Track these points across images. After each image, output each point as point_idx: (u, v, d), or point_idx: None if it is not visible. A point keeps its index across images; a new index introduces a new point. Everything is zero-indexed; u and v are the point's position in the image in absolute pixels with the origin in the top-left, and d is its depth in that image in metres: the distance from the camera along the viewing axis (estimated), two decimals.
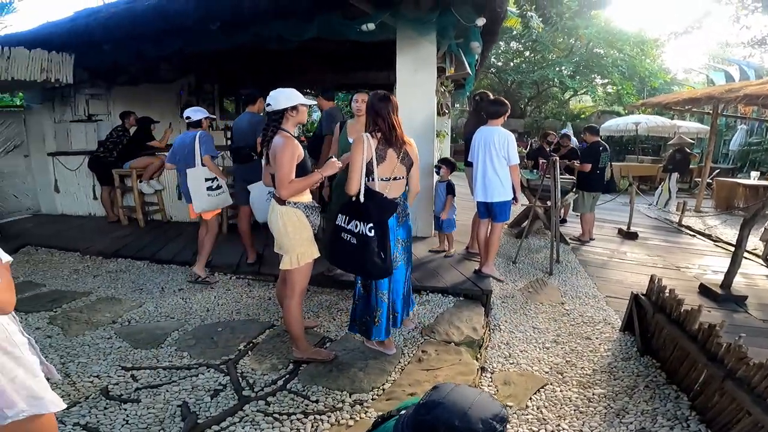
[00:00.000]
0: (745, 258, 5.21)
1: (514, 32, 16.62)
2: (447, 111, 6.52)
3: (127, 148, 5.56)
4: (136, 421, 2.15)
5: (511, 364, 2.91)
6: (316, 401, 2.32)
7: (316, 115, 14.75)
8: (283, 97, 2.48)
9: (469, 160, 4.14)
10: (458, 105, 12.97)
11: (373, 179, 2.52)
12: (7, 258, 1.23)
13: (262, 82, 9.50)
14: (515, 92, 21.19)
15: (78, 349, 2.83)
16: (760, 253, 5.54)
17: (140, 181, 5.47)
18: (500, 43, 19.14)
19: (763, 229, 5.67)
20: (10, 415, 1.15)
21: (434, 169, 4.43)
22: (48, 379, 1.37)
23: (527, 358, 2.97)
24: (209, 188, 3.81)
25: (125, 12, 4.69)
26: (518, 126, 18.63)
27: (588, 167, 5.65)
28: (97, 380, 2.48)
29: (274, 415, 2.21)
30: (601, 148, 5.67)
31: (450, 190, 4.24)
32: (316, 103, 3.38)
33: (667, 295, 2.90)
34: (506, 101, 3.93)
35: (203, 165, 3.79)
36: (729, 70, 16.32)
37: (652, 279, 3.14)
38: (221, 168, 4.38)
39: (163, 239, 4.97)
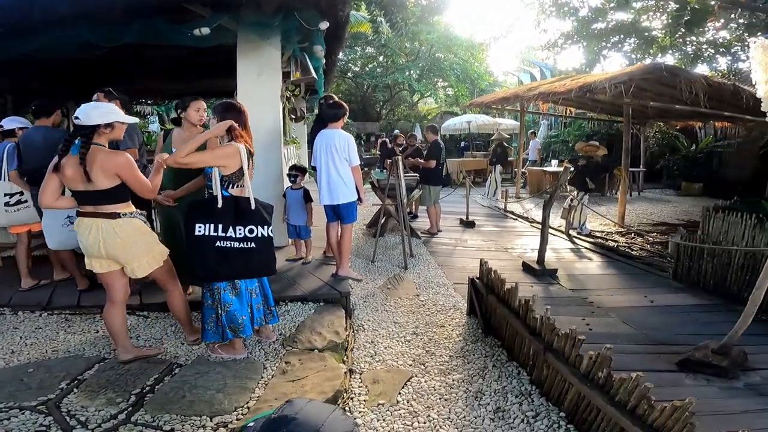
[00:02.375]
0: (553, 234, 6.33)
1: (369, 38, 17.26)
2: (303, 116, 6.45)
3: None
4: None
5: (377, 362, 2.99)
6: (171, 430, 2.10)
7: (154, 127, 13.23)
8: (96, 113, 2.38)
9: (312, 164, 4.12)
10: (316, 111, 12.96)
11: (242, 186, 2.64)
12: None
13: (77, 93, 8.07)
14: (371, 96, 22.07)
15: None
16: (563, 229, 6.76)
17: None
18: (356, 48, 19.76)
19: (562, 208, 6.89)
20: None
21: (289, 177, 4.32)
22: None
23: (392, 354, 3.09)
24: (7, 203, 3.58)
25: None
26: (374, 129, 19.49)
27: (433, 164, 6.20)
28: None
29: None
30: (441, 146, 6.29)
31: (307, 197, 4.24)
32: (136, 120, 3.05)
33: (493, 276, 3.24)
34: (344, 104, 3.98)
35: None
36: (533, 72, 19.55)
37: (481, 263, 3.50)
38: None
39: None
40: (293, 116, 5.06)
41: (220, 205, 2.56)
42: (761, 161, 9.29)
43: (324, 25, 3.93)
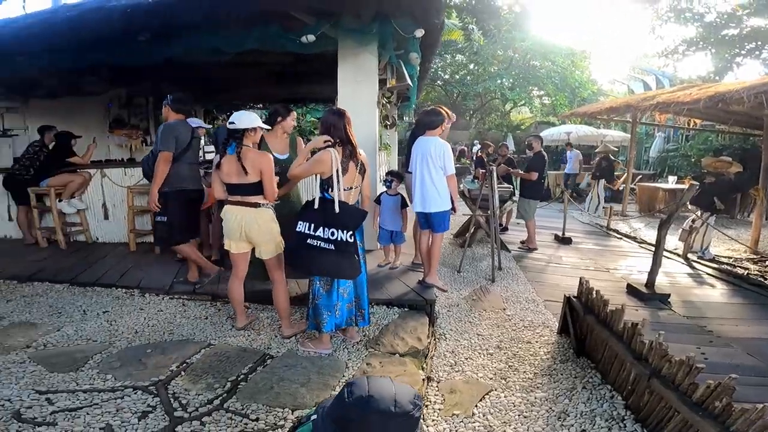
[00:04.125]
0: (668, 257, 5.65)
1: (460, 45, 17.20)
2: (394, 123, 6.59)
3: (44, 165, 5.09)
4: None
5: (456, 372, 2.92)
6: (256, 419, 2.22)
7: None
8: (245, 120, 2.91)
9: (409, 170, 4.17)
10: (406, 118, 13.18)
11: (339, 189, 2.76)
12: None
13: (199, 95, 9.18)
14: (461, 104, 21.84)
15: None
16: (681, 253, 6.01)
17: (60, 200, 5.03)
18: (447, 55, 19.77)
19: (680, 229, 6.15)
20: None
21: (384, 183, 4.40)
22: None
23: (472, 366, 3.00)
24: None
25: (42, 23, 4.39)
26: (464, 137, 19.25)
27: (535, 176, 5.83)
28: (9, 404, 2.28)
29: None
30: (545, 157, 5.94)
31: (404, 203, 4.36)
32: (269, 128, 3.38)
33: (595, 296, 3.00)
34: (442, 111, 3.95)
35: None
36: (647, 80, 17.80)
37: (581, 281, 3.26)
38: None
39: (86, 261, 4.58)
40: (387, 123, 5.18)
41: (316, 206, 2.79)
42: None
43: (419, 33, 3.99)
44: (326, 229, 2.73)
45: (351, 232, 2.73)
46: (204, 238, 4.54)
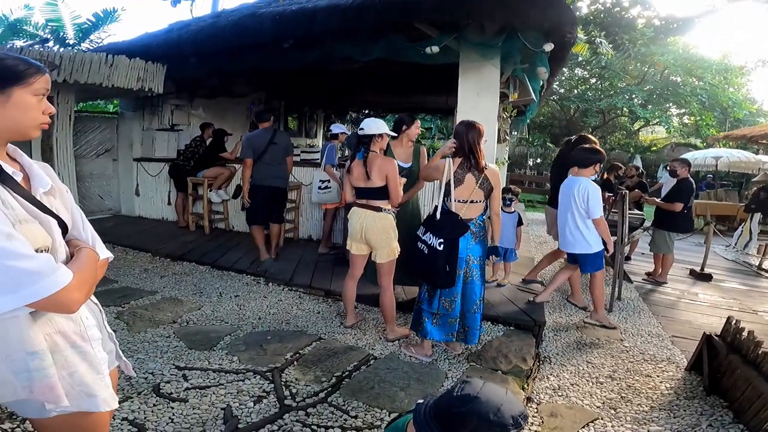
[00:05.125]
0: None
1: (580, 59, 16.21)
2: (506, 138, 6.42)
3: (202, 158, 5.94)
4: (181, 421, 2.18)
5: (559, 396, 2.76)
6: (355, 417, 2.31)
7: None
8: (374, 126, 3.06)
9: (554, 204, 4.15)
10: (516, 133, 12.74)
11: (450, 200, 2.80)
12: (105, 254, 1.23)
13: (321, 101, 9.93)
14: (578, 120, 20.50)
15: (138, 345, 2.95)
16: None
17: (210, 190, 5.84)
18: (564, 69, 18.75)
19: None
20: (56, 410, 1.09)
21: (504, 201, 4.30)
22: (121, 374, 1.38)
23: (578, 392, 2.81)
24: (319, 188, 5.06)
25: (211, 27, 5.00)
26: None
27: (679, 207, 5.00)
28: (151, 377, 2.54)
29: (312, 426, 2.22)
30: (693, 185, 5.13)
31: (520, 221, 4.30)
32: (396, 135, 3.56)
33: (745, 336, 2.71)
34: (601, 150, 3.79)
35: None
36: None
37: (728, 320, 2.92)
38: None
39: (224, 247, 5.24)
40: (505, 138, 5.06)
41: (433, 214, 2.85)
42: None
43: (548, 47, 3.82)
44: (429, 234, 2.77)
45: (441, 240, 2.70)
46: (326, 234, 5.24)
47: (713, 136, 13.12)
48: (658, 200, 5.46)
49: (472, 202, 2.83)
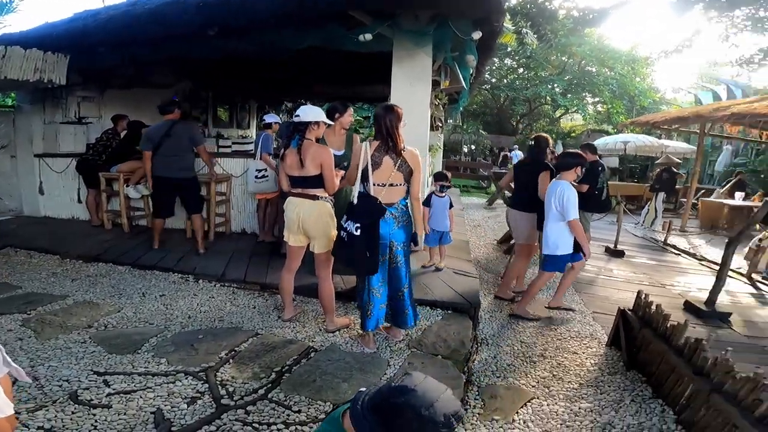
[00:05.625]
0: (730, 276, 5.27)
1: (509, 48, 16.91)
2: (440, 125, 6.53)
3: (116, 152, 5.48)
4: (105, 427, 2.07)
5: (498, 377, 2.88)
6: (298, 411, 2.27)
7: None
8: (310, 114, 2.98)
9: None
10: (451, 120, 13.07)
11: (368, 184, 2.76)
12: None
13: (254, 91, 9.52)
14: (507, 109, 21.47)
15: (49, 352, 2.73)
16: (744, 272, 5.60)
17: (127, 186, 5.39)
18: (495, 59, 19.53)
19: (747, 248, 5.73)
20: None
21: (440, 187, 4.38)
22: (15, 382, 1.29)
23: (514, 372, 2.95)
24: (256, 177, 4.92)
25: (124, 15, 4.63)
26: (509, 142, 18.90)
27: (585, 188, 5.24)
28: (67, 384, 2.38)
29: (253, 424, 2.15)
30: (600, 168, 5.61)
31: (450, 204, 4.41)
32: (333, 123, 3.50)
33: (654, 310, 2.92)
34: (581, 153, 3.94)
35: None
36: (717, 90, 16.69)
37: (638, 295, 3.16)
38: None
39: (146, 245, 4.87)
40: (437, 125, 5.15)
41: (353, 200, 2.84)
42: None
43: (477, 35, 3.93)
44: (350, 221, 2.75)
45: (357, 225, 2.69)
46: (260, 223, 5.21)
47: (622, 122, 14.31)
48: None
49: (391, 185, 2.79)
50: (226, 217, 5.53)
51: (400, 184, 2.83)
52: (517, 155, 15.57)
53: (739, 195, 9.90)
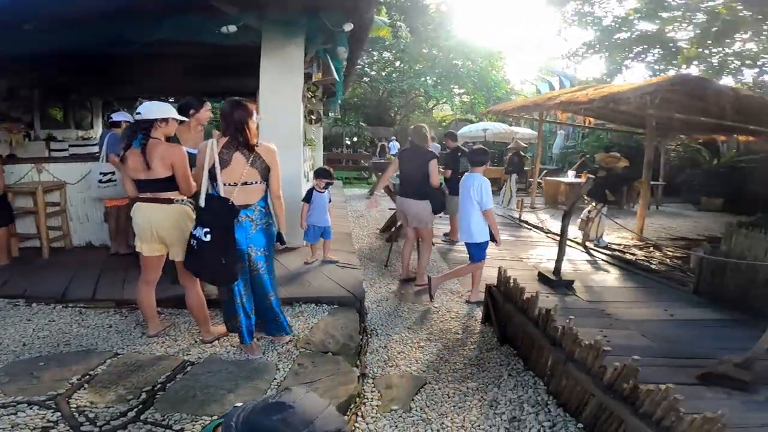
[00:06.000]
0: (569, 246, 6.20)
1: (388, 42, 17.43)
2: (320, 119, 6.41)
3: None
4: None
5: (390, 367, 2.97)
6: (181, 429, 2.07)
7: None
8: (155, 110, 2.70)
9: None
10: (332, 113, 13.00)
11: (217, 184, 2.54)
12: None
13: (97, 87, 8.25)
14: (386, 101, 22.15)
15: None
16: (580, 241, 6.63)
17: None
18: (374, 52, 19.94)
19: (579, 219, 6.75)
20: None
21: (323, 185, 4.30)
22: None
23: (405, 359, 3.06)
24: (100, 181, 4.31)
25: None
26: (388, 134, 19.57)
27: (449, 173, 6.04)
28: None
29: None
30: (459, 154, 6.17)
31: (329, 199, 4.37)
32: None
33: (512, 284, 3.19)
34: (487, 150, 4.31)
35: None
36: (552, 81, 19.41)
37: (499, 271, 3.46)
38: None
39: None
40: (312, 118, 5.05)
41: (201, 203, 2.60)
42: None
43: (348, 27, 3.93)
44: (198, 227, 2.53)
45: (206, 230, 2.48)
46: (111, 234, 4.59)
47: (481, 111, 15.84)
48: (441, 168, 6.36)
49: (245, 184, 2.60)
50: (63, 230, 4.67)
51: (256, 182, 2.64)
52: (395, 146, 16.23)
53: (571, 173, 11.70)
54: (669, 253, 6.28)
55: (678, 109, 7.03)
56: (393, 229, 5.51)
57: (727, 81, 10.68)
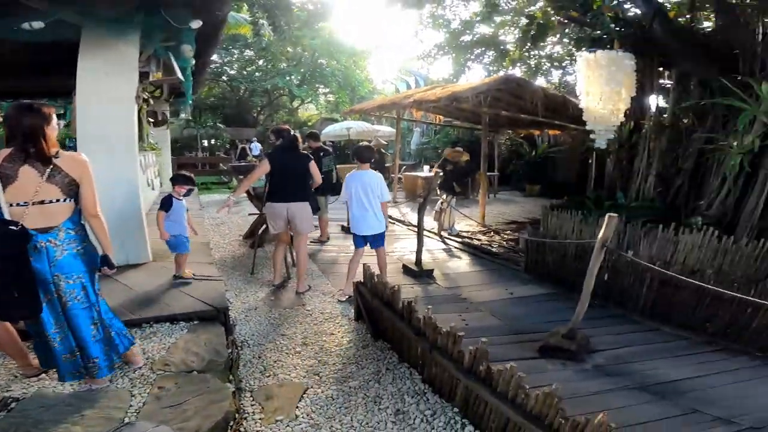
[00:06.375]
0: (428, 237, 6.80)
1: (250, 40, 16.61)
2: (165, 120, 5.86)
3: None
4: None
5: (268, 377, 2.91)
6: None
7: None
8: None
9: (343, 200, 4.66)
10: (184, 114, 11.91)
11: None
12: None
13: None
14: (248, 101, 21.19)
15: None
16: (436, 231, 7.27)
17: None
18: (234, 50, 18.96)
19: (434, 211, 7.35)
20: None
21: (183, 193, 3.96)
22: None
23: (283, 367, 3.02)
24: None
25: None
26: (250, 135, 18.71)
27: None
28: None
29: None
30: (322, 153, 6.24)
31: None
32: None
33: (376, 280, 3.34)
34: (374, 149, 4.61)
35: None
36: (409, 81, 20.76)
37: (364, 267, 3.60)
38: None
39: None
40: (152, 120, 4.59)
41: None
42: (583, 165, 10.79)
43: (196, 25, 3.66)
44: None
45: None
46: None
47: (344, 111, 16.21)
48: None
49: (41, 203, 2.18)
50: None
51: (60, 201, 2.23)
52: (257, 147, 15.60)
53: (426, 168, 12.71)
54: (505, 236, 7.31)
55: (504, 107, 8.19)
56: (257, 235, 5.34)
57: (540, 81, 12.50)
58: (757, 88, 4.41)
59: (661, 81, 6.39)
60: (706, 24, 6.44)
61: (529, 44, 9.94)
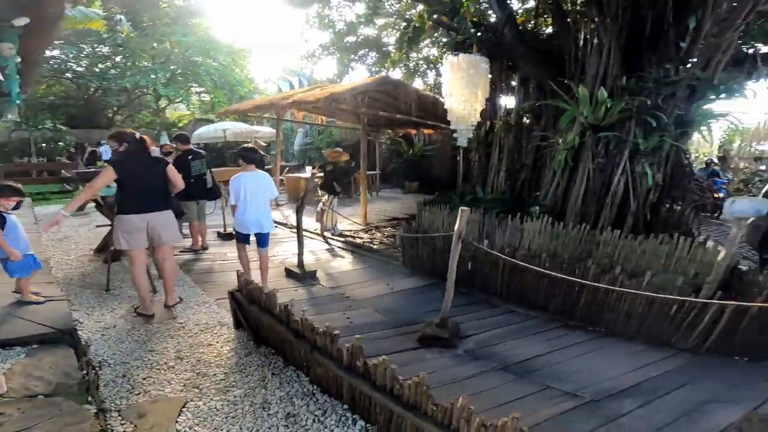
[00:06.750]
0: (311, 238, 6.81)
1: (104, 35, 14.75)
2: None
3: None
4: None
5: (137, 395, 2.71)
6: None
7: None
8: None
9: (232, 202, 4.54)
10: (11, 116, 10.11)
11: None
12: None
13: None
14: (100, 100, 18.88)
15: None
16: (319, 232, 7.33)
17: None
18: (83, 45, 16.92)
19: (316, 212, 7.36)
20: None
21: (15, 204, 3.43)
22: None
23: (155, 384, 2.84)
24: None
25: None
26: (103, 137, 16.55)
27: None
28: None
29: None
30: (191, 156, 5.86)
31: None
32: None
33: (252, 286, 3.30)
34: (257, 149, 4.90)
35: None
36: (293, 81, 20.33)
37: (238, 274, 3.52)
38: None
39: None
40: None
41: None
42: (453, 162, 11.51)
43: (20, 22, 3.20)
44: None
45: None
46: None
47: (219, 111, 15.28)
48: None
49: None
50: None
51: None
52: (107, 150, 13.83)
53: (308, 169, 12.64)
54: (386, 233, 7.66)
55: (383, 107, 8.53)
56: (110, 249, 4.73)
57: (418, 82, 13.17)
58: (575, 90, 5.13)
59: (512, 83, 7.15)
60: (549, 30, 7.19)
61: (406, 46, 10.47)
